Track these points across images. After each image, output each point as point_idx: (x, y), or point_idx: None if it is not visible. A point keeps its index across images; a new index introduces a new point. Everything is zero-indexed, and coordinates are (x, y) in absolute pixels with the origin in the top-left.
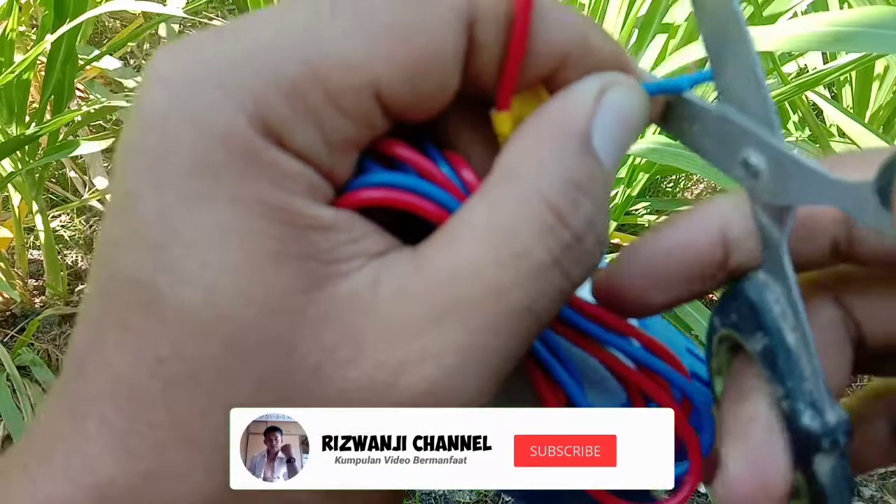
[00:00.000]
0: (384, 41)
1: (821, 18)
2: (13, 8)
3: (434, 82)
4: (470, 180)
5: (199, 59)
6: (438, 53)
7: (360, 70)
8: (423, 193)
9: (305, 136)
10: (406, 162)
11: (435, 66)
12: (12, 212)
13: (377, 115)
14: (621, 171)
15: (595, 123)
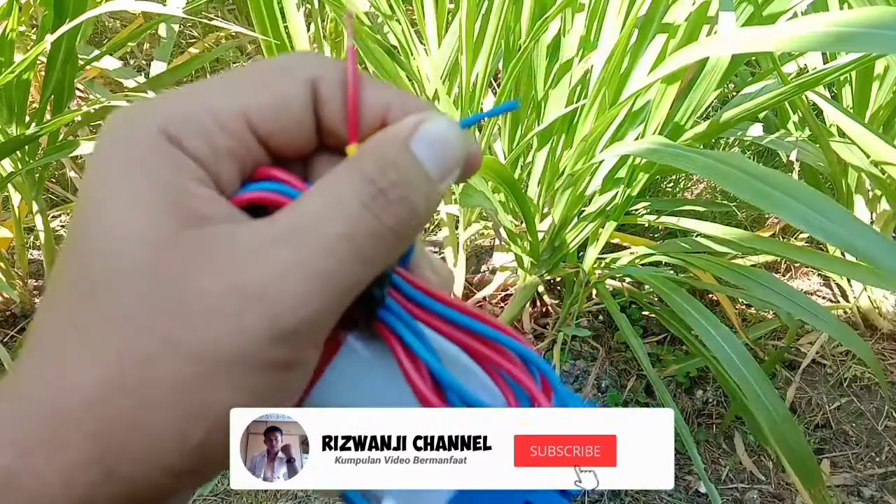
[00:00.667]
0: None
1: (821, 19)
2: (13, 8)
3: (289, 118)
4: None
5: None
6: (289, 97)
7: (235, 105)
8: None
9: (196, 143)
10: (276, 179)
11: (287, 105)
12: (12, 212)
13: (249, 137)
14: (621, 172)
15: (414, 137)
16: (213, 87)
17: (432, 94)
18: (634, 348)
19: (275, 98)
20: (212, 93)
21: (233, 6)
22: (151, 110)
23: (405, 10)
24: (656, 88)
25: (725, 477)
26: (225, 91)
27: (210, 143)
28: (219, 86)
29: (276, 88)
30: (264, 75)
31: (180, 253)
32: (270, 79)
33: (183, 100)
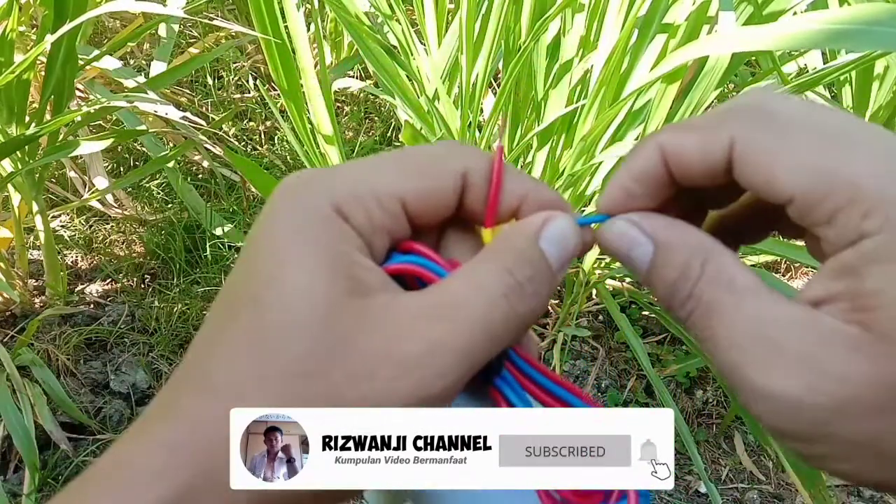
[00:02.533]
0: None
1: (820, 16)
2: (13, 8)
3: (438, 202)
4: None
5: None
6: (443, 188)
7: (395, 188)
8: (428, 267)
9: (360, 219)
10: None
11: (439, 192)
12: (12, 212)
13: (402, 216)
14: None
15: (541, 234)
16: (378, 168)
17: (432, 94)
18: (634, 348)
19: (430, 187)
20: (377, 174)
21: (233, 6)
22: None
23: (405, 10)
24: (656, 88)
25: (725, 477)
26: (388, 174)
27: (370, 220)
28: (383, 167)
29: (432, 179)
30: (423, 163)
31: (350, 317)
32: (428, 168)
33: (352, 178)
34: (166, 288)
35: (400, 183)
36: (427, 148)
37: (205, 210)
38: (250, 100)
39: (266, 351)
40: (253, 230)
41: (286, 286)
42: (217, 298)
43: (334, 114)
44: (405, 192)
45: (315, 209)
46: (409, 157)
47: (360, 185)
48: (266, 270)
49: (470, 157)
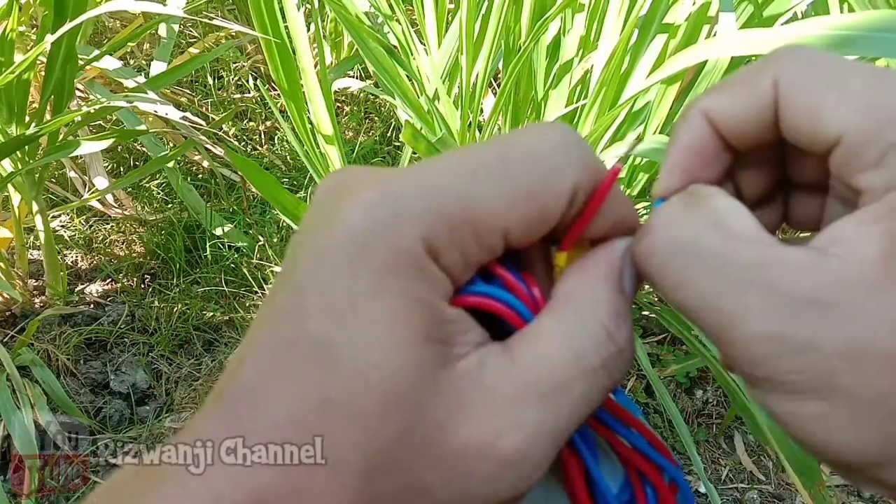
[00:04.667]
0: (518, 202)
1: (821, 22)
2: (13, 8)
3: (542, 229)
4: (538, 296)
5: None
6: (552, 213)
7: (498, 219)
8: (509, 304)
9: (453, 257)
10: (500, 278)
11: (547, 220)
12: (12, 212)
13: (500, 247)
14: (622, 172)
15: (624, 271)
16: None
17: (432, 94)
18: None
19: (538, 212)
20: (477, 193)
21: (233, 6)
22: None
23: (405, 10)
24: (656, 89)
25: (725, 477)
26: (491, 194)
27: (465, 258)
28: (485, 181)
29: (542, 201)
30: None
31: (439, 396)
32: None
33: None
34: (166, 288)
35: (505, 208)
36: (537, 143)
37: (205, 210)
38: (250, 100)
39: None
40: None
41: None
42: (266, 319)
43: (334, 114)
44: (510, 221)
45: (404, 247)
46: (517, 164)
47: (457, 213)
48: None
49: (583, 167)
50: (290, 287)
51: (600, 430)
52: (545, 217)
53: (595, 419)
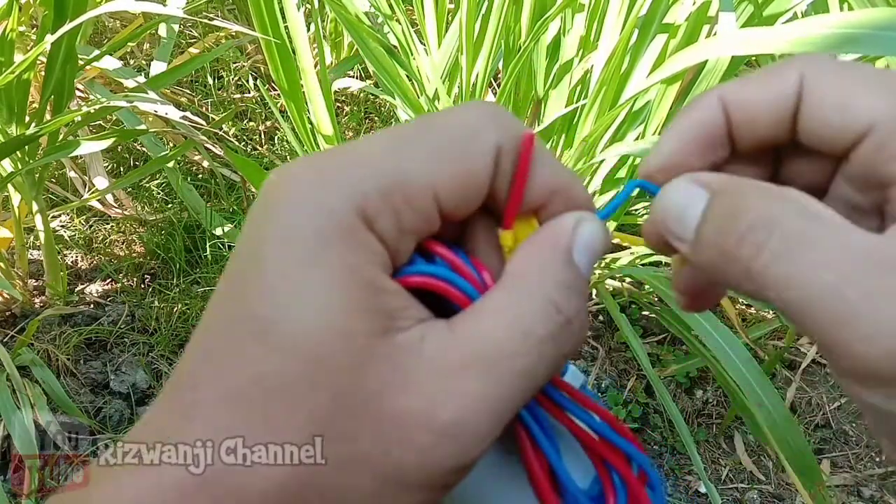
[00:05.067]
0: (442, 162)
1: (822, 21)
2: (13, 8)
3: (473, 194)
4: (487, 280)
5: (321, 164)
6: (479, 174)
7: (427, 183)
8: (454, 283)
9: (387, 223)
10: (443, 258)
11: (475, 183)
12: (12, 212)
13: (434, 214)
14: (621, 172)
15: (574, 245)
16: (404, 149)
17: (432, 94)
18: (634, 348)
19: (464, 174)
20: (404, 159)
21: (233, 6)
22: (347, 178)
23: (405, 10)
24: (656, 89)
25: (725, 477)
26: (417, 158)
27: (399, 223)
28: (410, 148)
29: (467, 162)
30: (456, 141)
31: (378, 366)
32: (460, 147)
33: (375, 167)
34: (166, 288)
35: (432, 170)
36: (457, 115)
37: (205, 210)
38: (250, 100)
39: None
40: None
41: (303, 321)
42: (212, 306)
43: (334, 114)
44: (437, 184)
45: (335, 214)
46: (439, 131)
47: (386, 178)
48: (277, 293)
49: (503, 130)
50: (230, 271)
51: (552, 409)
52: (472, 178)
53: (546, 398)
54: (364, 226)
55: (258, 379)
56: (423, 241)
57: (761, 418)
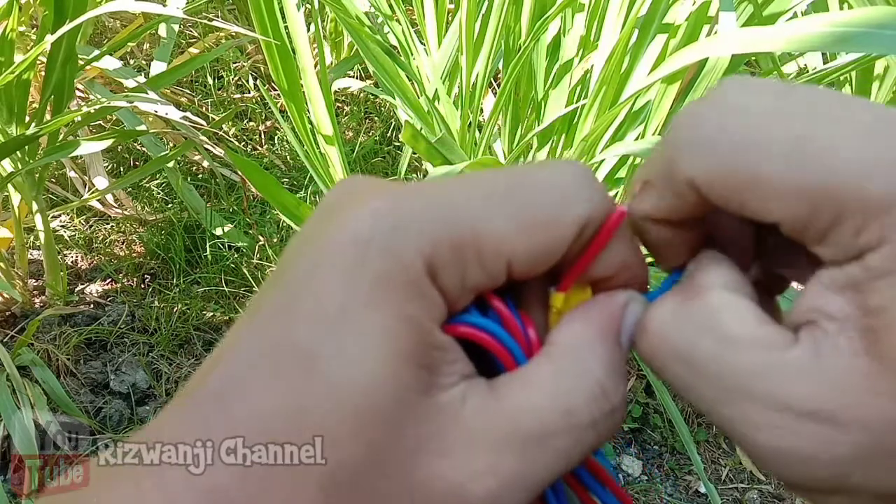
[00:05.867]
0: (526, 229)
1: (821, 19)
2: (13, 8)
3: (546, 261)
4: (533, 338)
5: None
6: (559, 243)
7: (504, 244)
8: (502, 341)
9: (453, 279)
10: (498, 312)
11: (553, 252)
12: (12, 212)
13: (503, 275)
14: (622, 172)
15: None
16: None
17: (432, 94)
18: None
19: (545, 244)
20: (485, 216)
21: (233, 6)
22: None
23: (405, 10)
24: (656, 88)
25: (725, 477)
26: (499, 219)
27: (464, 281)
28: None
29: (550, 233)
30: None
31: (415, 425)
32: (547, 216)
33: (453, 217)
34: (166, 288)
35: (512, 231)
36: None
37: (205, 210)
38: (250, 100)
39: (299, 438)
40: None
41: (353, 365)
42: (251, 322)
43: (334, 114)
44: (517, 249)
45: (405, 261)
46: (528, 191)
47: (462, 231)
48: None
49: (593, 203)
50: (280, 288)
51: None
52: (551, 248)
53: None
54: (428, 276)
55: (293, 413)
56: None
57: None
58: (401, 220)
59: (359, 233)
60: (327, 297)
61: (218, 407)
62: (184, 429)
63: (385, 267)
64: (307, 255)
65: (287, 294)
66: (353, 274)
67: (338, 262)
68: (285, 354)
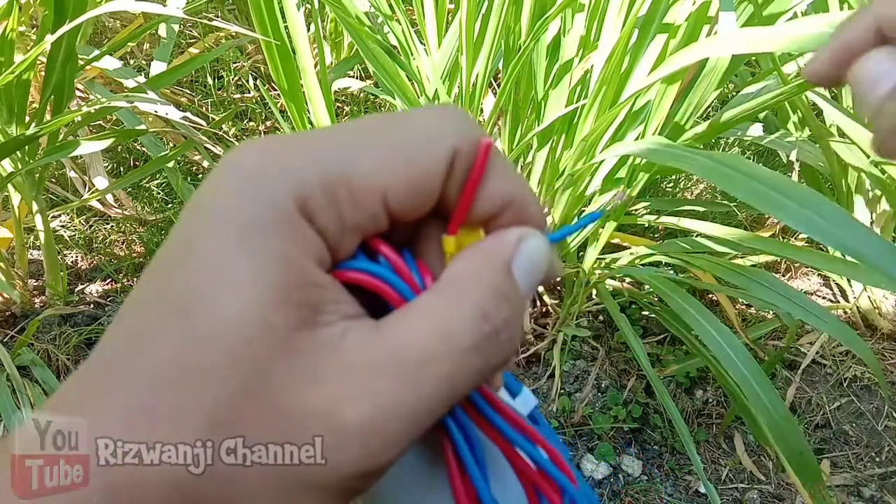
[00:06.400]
0: (394, 162)
1: (821, 19)
2: (13, 8)
3: (423, 196)
4: (428, 284)
5: (270, 148)
6: (430, 176)
7: (376, 181)
8: (392, 284)
9: (328, 218)
10: (386, 257)
11: (426, 185)
12: (12, 212)
13: (381, 214)
14: (621, 172)
15: (515, 259)
16: (357, 146)
17: (432, 94)
18: (634, 348)
19: (417, 177)
20: (356, 156)
21: (233, 6)
22: (291, 167)
23: (405, 10)
24: (656, 89)
25: (725, 477)
26: (369, 157)
27: (341, 219)
28: (364, 146)
29: (420, 165)
30: (413, 144)
31: (288, 359)
32: (415, 149)
33: (324, 158)
34: None
35: (383, 171)
36: (418, 116)
37: None
38: (250, 100)
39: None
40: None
41: (221, 307)
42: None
43: (334, 114)
44: (386, 186)
45: (274, 203)
46: (397, 130)
47: (332, 170)
48: (203, 275)
49: (460, 134)
50: (162, 249)
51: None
52: (424, 182)
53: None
54: (302, 216)
55: (174, 360)
56: (370, 239)
57: (761, 418)
58: (271, 164)
59: (228, 184)
60: (201, 246)
61: (107, 371)
62: (81, 396)
63: (255, 211)
64: (185, 215)
65: (168, 251)
66: (225, 222)
67: (210, 214)
68: (164, 306)
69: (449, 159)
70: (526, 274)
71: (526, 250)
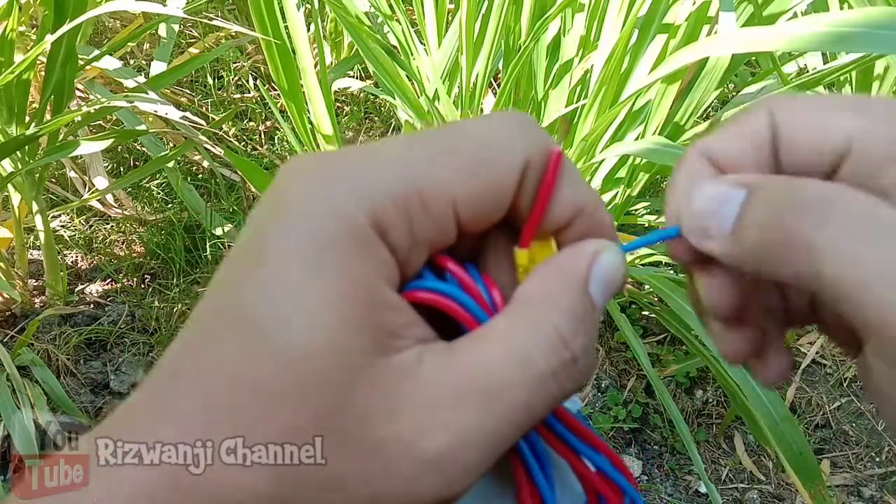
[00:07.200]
0: (466, 172)
1: (821, 19)
2: (13, 8)
3: (494, 207)
4: (497, 300)
5: (337, 161)
6: (501, 187)
7: (448, 193)
8: (462, 303)
9: (402, 234)
10: (454, 275)
11: (497, 195)
12: (12, 212)
13: (451, 226)
14: (621, 172)
15: (591, 274)
16: (426, 157)
17: (432, 94)
18: (634, 348)
19: (488, 186)
20: (425, 168)
21: (233, 6)
22: (362, 180)
23: (405, 10)
24: (656, 88)
25: (725, 477)
26: (439, 168)
27: (412, 233)
28: (432, 157)
29: (492, 175)
30: (482, 154)
31: (366, 388)
32: (487, 158)
33: (394, 172)
34: (166, 288)
35: (454, 179)
36: (484, 126)
37: (205, 210)
38: (250, 100)
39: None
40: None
41: (297, 330)
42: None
43: (334, 114)
44: (458, 195)
45: (346, 217)
46: (464, 143)
47: (404, 184)
48: (273, 295)
49: (532, 145)
50: (228, 263)
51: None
52: (495, 192)
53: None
54: (375, 233)
55: (237, 381)
56: (436, 255)
57: (761, 418)
58: (341, 178)
59: (300, 200)
60: (271, 263)
61: (170, 384)
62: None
63: (328, 229)
64: (253, 229)
65: (234, 265)
66: (297, 239)
67: (281, 229)
68: (228, 320)
69: (522, 169)
70: (601, 289)
71: (602, 264)
